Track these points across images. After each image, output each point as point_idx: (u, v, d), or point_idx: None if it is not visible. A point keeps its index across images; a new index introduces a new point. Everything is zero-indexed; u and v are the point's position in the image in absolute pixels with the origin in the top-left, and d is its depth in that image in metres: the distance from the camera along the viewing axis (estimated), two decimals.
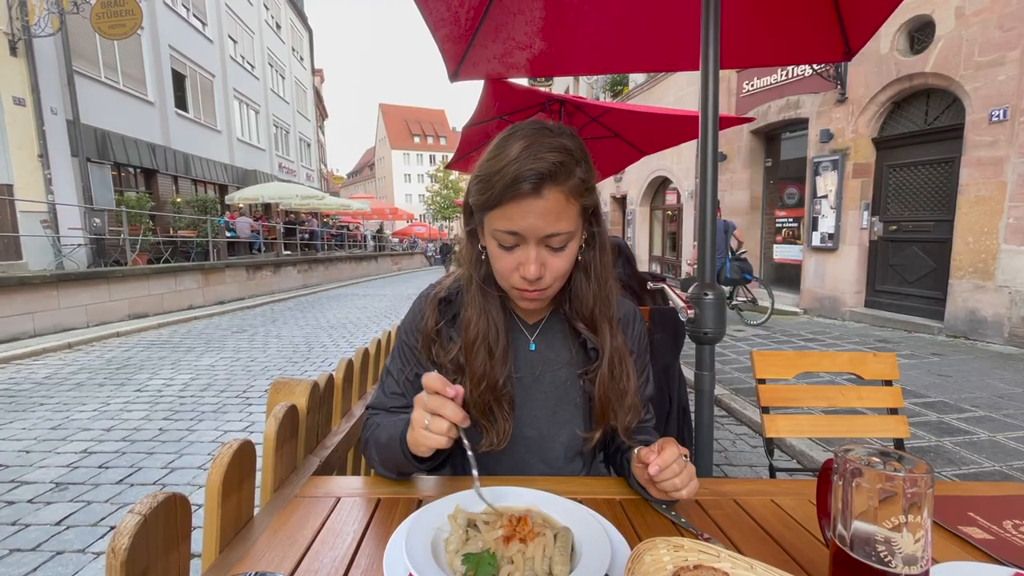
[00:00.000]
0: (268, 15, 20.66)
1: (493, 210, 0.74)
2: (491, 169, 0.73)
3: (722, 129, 3.51)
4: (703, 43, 1.26)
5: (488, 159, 0.74)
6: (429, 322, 0.87)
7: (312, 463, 0.88)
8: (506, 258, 0.76)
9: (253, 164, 18.02)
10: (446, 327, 0.87)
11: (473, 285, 0.84)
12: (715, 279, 1.17)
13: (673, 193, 11.38)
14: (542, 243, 0.74)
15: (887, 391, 1.37)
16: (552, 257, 0.76)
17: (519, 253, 0.75)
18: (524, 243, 0.74)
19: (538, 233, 0.72)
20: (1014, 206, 4.86)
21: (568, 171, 0.72)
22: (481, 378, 0.81)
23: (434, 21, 2.01)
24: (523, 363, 0.88)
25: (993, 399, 3.41)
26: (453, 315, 0.87)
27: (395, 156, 64.56)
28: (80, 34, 9.37)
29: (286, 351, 5.81)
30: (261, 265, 12.01)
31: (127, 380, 4.48)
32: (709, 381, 1.20)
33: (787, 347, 5.23)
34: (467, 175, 8.47)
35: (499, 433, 0.82)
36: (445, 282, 0.91)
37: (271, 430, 0.75)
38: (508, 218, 0.73)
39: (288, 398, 0.88)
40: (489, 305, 0.84)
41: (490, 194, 0.72)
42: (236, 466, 0.66)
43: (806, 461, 2.62)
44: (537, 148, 0.70)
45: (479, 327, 0.83)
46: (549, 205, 0.71)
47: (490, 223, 0.76)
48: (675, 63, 2.28)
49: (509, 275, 0.77)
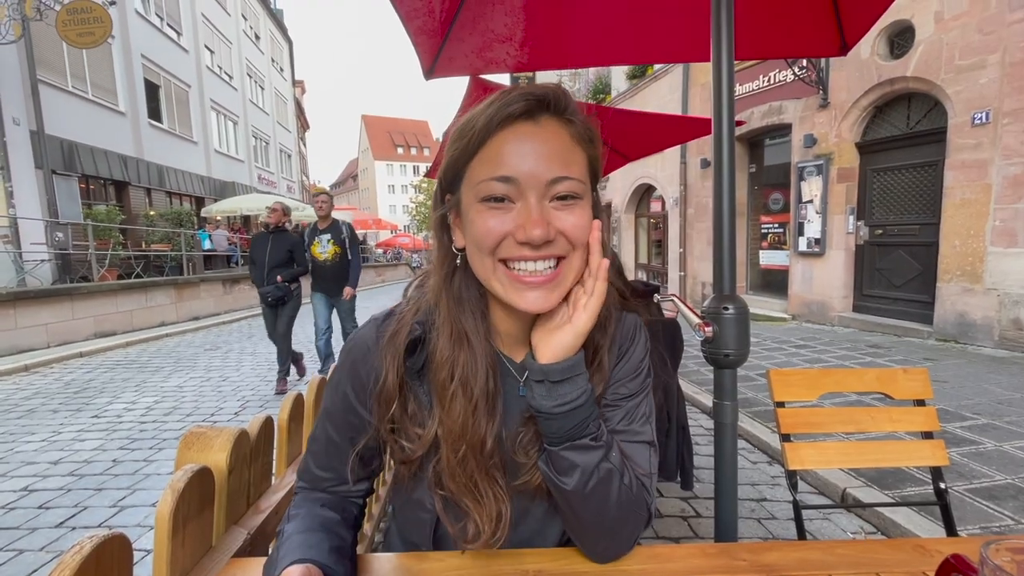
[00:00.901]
0: (247, 25, 20.39)
1: (475, 156, 0.55)
2: (471, 113, 0.56)
3: (706, 135, 3.42)
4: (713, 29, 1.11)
5: (461, 120, 0.57)
6: (389, 377, 0.60)
7: (235, 539, 0.67)
8: (494, 219, 0.54)
9: (231, 176, 17.63)
10: (413, 381, 0.62)
11: (444, 299, 0.60)
12: (734, 290, 1.00)
13: (658, 201, 11.34)
14: (545, 195, 0.54)
15: (920, 412, 1.21)
16: (562, 213, 0.54)
17: (515, 212, 0.54)
18: (520, 196, 0.53)
19: (539, 177, 0.53)
20: (1000, 208, 4.85)
21: (569, 104, 0.56)
22: (459, 437, 0.58)
23: (406, 12, 1.83)
24: (511, 413, 0.63)
25: (993, 405, 3.32)
26: (422, 363, 0.62)
27: (378, 167, 64.30)
28: (46, 43, 9.02)
29: (260, 369, 5.53)
30: (238, 279, 11.63)
31: (84, 405, 4.17)
32: (731, 412, 1.02)
33: (778, 354, 5.12)
34: None
35: (490, 519, 0.59)
36: (406, 314, 0.64)
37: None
38: (496, 158, 0.53)
39: (204, 454, 0.68)
40: (467, 324, 0.59)
41: (471, 135, 0.54)
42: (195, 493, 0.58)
43: (829, 491, 2.39)
44: (525, 85, 0.55)
45: (454, 360, 0.58)
46: (549, 137, 0.54)
47: (471, 177, 0.56)
48: (666, 55, 2.14)
49: (495, 243, 0.54)
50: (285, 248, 4.38)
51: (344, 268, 4.59)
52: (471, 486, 0.60)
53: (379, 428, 0.63)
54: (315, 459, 0.67)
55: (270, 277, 4.33)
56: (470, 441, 0.58)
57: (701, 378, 4.34)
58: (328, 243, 4.51)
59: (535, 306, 0.55)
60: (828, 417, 1.21)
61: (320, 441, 0.66)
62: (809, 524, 2.13)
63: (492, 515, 0.60)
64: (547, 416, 0.57)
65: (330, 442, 0.65)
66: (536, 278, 0.55)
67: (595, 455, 0.58)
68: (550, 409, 0.56)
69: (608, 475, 0.58)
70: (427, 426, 0.61)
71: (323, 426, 0.66)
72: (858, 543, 0.71)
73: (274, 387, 4.60)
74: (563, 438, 0.57)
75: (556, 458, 0.58)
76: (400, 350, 0.60)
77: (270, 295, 4.32)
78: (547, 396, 0.56)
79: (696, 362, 4.79)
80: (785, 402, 1.20)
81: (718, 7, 1.14)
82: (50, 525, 2.26)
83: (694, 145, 9.13)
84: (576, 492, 0.58)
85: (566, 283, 0.57)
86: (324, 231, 4.56)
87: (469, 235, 0.57)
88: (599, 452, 0.58)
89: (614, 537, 0.62)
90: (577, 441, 0.57)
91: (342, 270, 4.59)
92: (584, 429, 0.57)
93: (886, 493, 2.26)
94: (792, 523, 1.66)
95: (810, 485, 2.51)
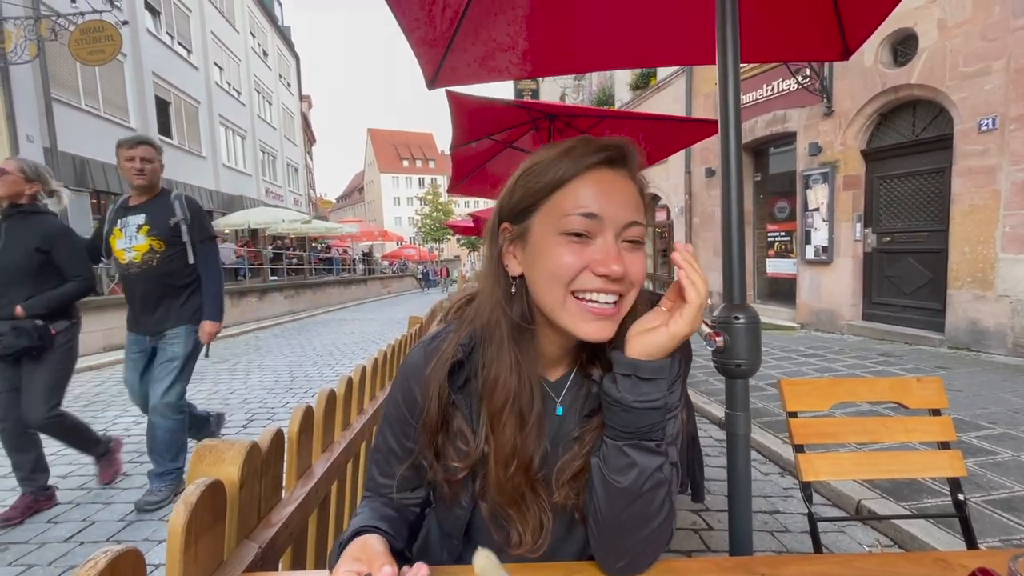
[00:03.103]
0: (255, 42, 20.77)
1: (557, 191, 0.60)
2: (544, 157, 0.60)
3: (712, 135, 3.42)
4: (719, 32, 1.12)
5: (534, 159, 0.62)
6: (433, 404, 0.65)
7: (246, 553, 0.67)
8: (574, 252, 0.58)
9: (239, 190, 17.84)
10: (457, 400, 0.66)
11: (504, 329, 0.64)
12: (744, 299, 0.99)
13: (663, 211, 11.35)
14: (620, 236, 0.59)
15: (936, 422, 1.19)
16: (630, 255, 0.59)
17: (593, 247, 0.58)
18: (601, 233, 0.58)
19: (619, 218, 0.58)
20: (1009, 214, 4.81)
21: (638, 161, 0.61)
22: (510, 456, 0.62)
23: (408, 23, 1.86)
24: (550, 434, 0.68)
25: (1009, 414, 3.26)
26: (464, 380, 0.66)
27: (384, 180, 64.90)
28: (60, 61, 9.23)
29: (268, 382, 5.54)
30: (246, 291, 11.72)
31: (94, 418, 4.19)
32: (744, 423, 1.01)
33: (787, 363, 5.07)
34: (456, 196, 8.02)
35: (532, 530, 0.63)
36: (451, 337, 0.68)
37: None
38: (582, 196, 0.58)
39: (215, 468, 0.68)
40: (524, 356, 0.64)
41: (551, 176, 0.59)
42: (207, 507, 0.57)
43: (844, 503, 2.34)
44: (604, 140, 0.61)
45: (509, 387, 0.62)
46: (625, 186, 0.60)
47: (551, 211, 0.60)
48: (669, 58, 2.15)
49: (573, 276, 0.58)
50: (31, 245, 2.27)
51: (180, 281, 2.53)
52: (517, 499, 0.64)
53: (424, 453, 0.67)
54: (378, 467, 0.73)
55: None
56: (520, 460, 0.62)
57: (710, 388, 4.30)
58: (139, 233, 2.42)
59: (599, 335, 0.60)
60: (841, 427, 1.20)
61: (382, 451, 0.72)
62: (824, 537, 2.09)
63: (535, 525, 0.64)
64: (624, 408, 0.57)
65: (390, 451, 0.71)
66: (605, 310, 0.59)
67: (655, 460, 0.59)
68: (630, 402, 0.57)
69: (658, 484, 0.60)
70: (471, 444, 0.65)
71: (383, 436, 0.72)
72: (877, 556, 0.69)
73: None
74: (632, 434, 0.58)
75: (616, 454, 0.59)
76: (443, 375, 0.65)
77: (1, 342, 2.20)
78: (631, 390, 0.57)
79: (705, 372, 4.75)
80: (797, 412, 1.18)
81: (723, 11, 1.15)
82: (59, 540, 2.26)
83: (698, 154, 9.15)
84: (627, 491, 0.59)
85: (621, 317, 0.62)
86: (136, 209, 2.48)
87: (540, 265, 0.61)
88: (659, 459, 0.59)
89: (641, 551, 0.62)
90: (643, 441, 0.58)
91: (172, 285, 2.50)
92: (653, 431, 0.59)
93: (902, 505, 2.21)
94: (807, 536, 1.63)
95: (824, 497, 2.46)
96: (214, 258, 2.64)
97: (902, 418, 1.21)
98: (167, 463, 2.57)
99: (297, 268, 17.69)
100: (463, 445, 0.65)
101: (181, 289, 2.55)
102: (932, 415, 1.20)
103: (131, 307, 2.57)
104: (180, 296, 2.55)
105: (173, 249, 2.49)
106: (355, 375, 1.31)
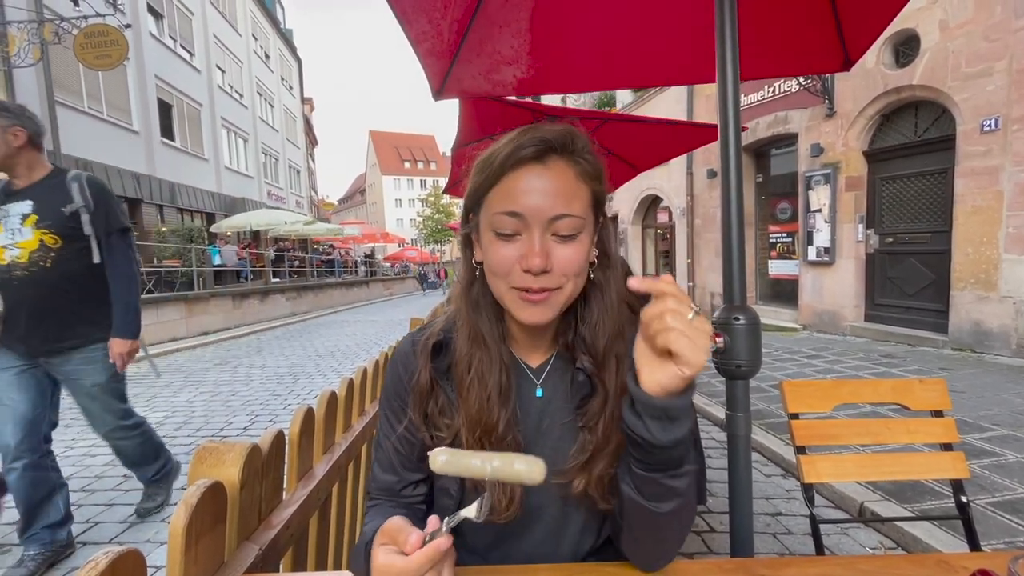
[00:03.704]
0: (257, 45, 20.85)
1: (492, 189, 0.64)
2: (492, 148, 0.64)
3: (714, 141, 3.42)
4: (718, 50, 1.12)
5: (484, 152, 0.67)
6: (423, 375, 0.71)
7: (247, 554, 0.67)
8: (505, 249, 0.63)
9: (241, 192, 17.89)
10: (442, 380, 0.71)
11: (463, 304, 0.71)
12: (744, 300, 0.99)
13: (664, 212, 11.34)
14: (548, 229, 0.62)
15: (938, 423, 1.19)
16: (560, 247, 0.62)
17: (520, 243, 0.62)
18: (526, 229, 0.62)
19: (543, 214, 0.61)
20: (1012, 215, 4.79)
21: (575, 145, 0.63)
22: (476, 422, 0.67)
23: (415, 35, 1.87)
24: (527, 412, 0.72)
25: (1013, 416, 3.25)
26: (448, 365, 0.72)
27: (386, 182, 65.04)
28: (63, 64, 9.28)
29: (270, 383, 5.54)
30: (248, 293, 11.73)
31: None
32: (745, 424, 1.01)
33: (789, 364, 5.06)
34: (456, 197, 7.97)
35: (505, 495, 0.66)
36: (435, 324, 0.75)
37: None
38: (507, 195, 0.62)
39: (216, 469, 0.68)
40: (483, 327, 0.69)
41: (489, 171, 0.63)
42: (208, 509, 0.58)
43: (846, 504, 2.32)
44: (540, 126, 0.63)
45: (471, 356, 0.69)
46: (555, 177, 0.62)
47: (487, 208, 0.64)
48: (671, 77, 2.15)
49: (508, 271, 0.63)
50: None
51: (84, 286, 1.97)
52: None
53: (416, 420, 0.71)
54: (380, 464, 0.75)
55: None
56: (484, 425, 0.66)
57: (711, 389, 4.30)
58: (25, 225, 1.85)
59: (534, 320, 0.64)
60: (844, 429, 1.19)
61: (383, 448, 0.75)
62: (826, 539, 2.08)
63: (506, 493, 0.66)
64: (660, 449, 0.55)
65: (391, 445, 0.74)
66: (534, 297, 0.63)
67: (687, 480, 0.59)
68: (664, 443, 0.55)
69: (689, 491, 0.61)
70: (454, 418, 0.70)
71: (382, 432, 0.75)
72: (880, 558, 0.69)
73: None
74: (666, 465, 0.57)
75: (651, 484, 0.58)
76: (428, 350, 0.71)
77: None
78: (662, 432, 0.54)
79: (706, 373, 4.74)
80: (799, 414, 1.18)
81: (722, 30, 1.15)
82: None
83: (700, 156, 9.14)
84: (671, 514, 0.59)
85: (559, 304, 0.65)
86: (19, 195, 1.90)
87: (486, 258, 0.66)
88: (689, 477, 0.59)
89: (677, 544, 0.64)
90: (679, 469, 0.58)
91: (72, 293, 1.95)
92: (687, 456, 0.58)
93: (905, 507, 2.20)
94: (809, 538, 1.62)
95: (826, 499, 2.45)
96: (125, 255, 2.03)
97: (905, 420, 1.20)
98: (151, 467, 2.45)
99: (299, 270, 17.72)
100: (447, 420, 0.70)
101: (86, 297, 1.97)
102: (935, 416, 1.20)
103: (11, 321, 1.90)
104: (85, 305, 1.97)
105: (73, 245, 1.91)
106: (356, 377, 1.31)
